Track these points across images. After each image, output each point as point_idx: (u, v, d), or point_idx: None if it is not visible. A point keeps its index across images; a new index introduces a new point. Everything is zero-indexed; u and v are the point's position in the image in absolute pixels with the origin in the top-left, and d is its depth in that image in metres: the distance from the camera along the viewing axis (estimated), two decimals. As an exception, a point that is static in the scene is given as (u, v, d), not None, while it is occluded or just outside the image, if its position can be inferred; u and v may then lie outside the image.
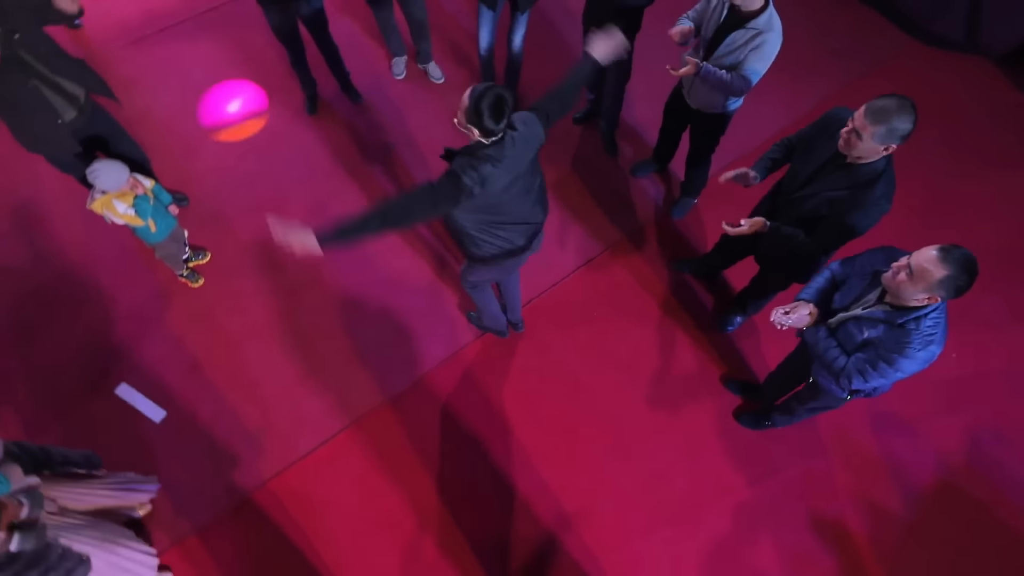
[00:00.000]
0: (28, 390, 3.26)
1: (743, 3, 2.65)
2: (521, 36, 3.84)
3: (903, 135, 2.09)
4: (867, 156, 2.20)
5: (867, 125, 2.11)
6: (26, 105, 2.68)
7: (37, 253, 3.65)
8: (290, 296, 3.56)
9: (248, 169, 3.97)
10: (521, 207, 2.42)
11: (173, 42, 4.49)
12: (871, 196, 2.24)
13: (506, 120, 2.12)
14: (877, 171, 2.22)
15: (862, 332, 2.16)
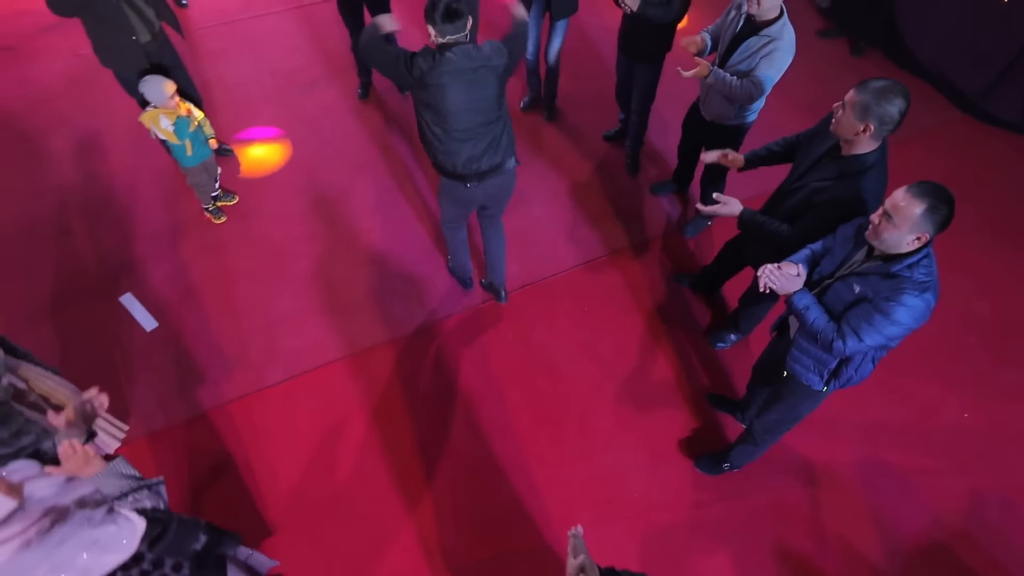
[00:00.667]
0: (45, 283, 3.50)
1: (758, 13, 2.76)
2: (557, 46, 4.07)
3: (883, 116, 2.05)
4: (850, 137, 2.17)
5: (852, 96, 2.11)
6: (111, 21, 3.10)
7: (90, 170, 4.02)
8: (298, 244, 3.72)
9: (291, 135, 4.30)
10: (467, 125, 2.58)
11: (259, 27, 5.05)
12: (852, 190, 2.20)
13: (456, 27, 2.38)
14: (865, 163, 2.19)
15: (852, 289, 2.04)
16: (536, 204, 4.00)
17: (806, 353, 2.27)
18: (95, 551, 1.50)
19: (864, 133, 2.11)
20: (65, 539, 1.45)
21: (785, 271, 2.16)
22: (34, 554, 1.40)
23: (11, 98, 4.43)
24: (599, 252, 3.77)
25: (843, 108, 2.14)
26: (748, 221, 2.53)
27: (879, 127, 2.08)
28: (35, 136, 4.21)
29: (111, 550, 1.54)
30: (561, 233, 3.85)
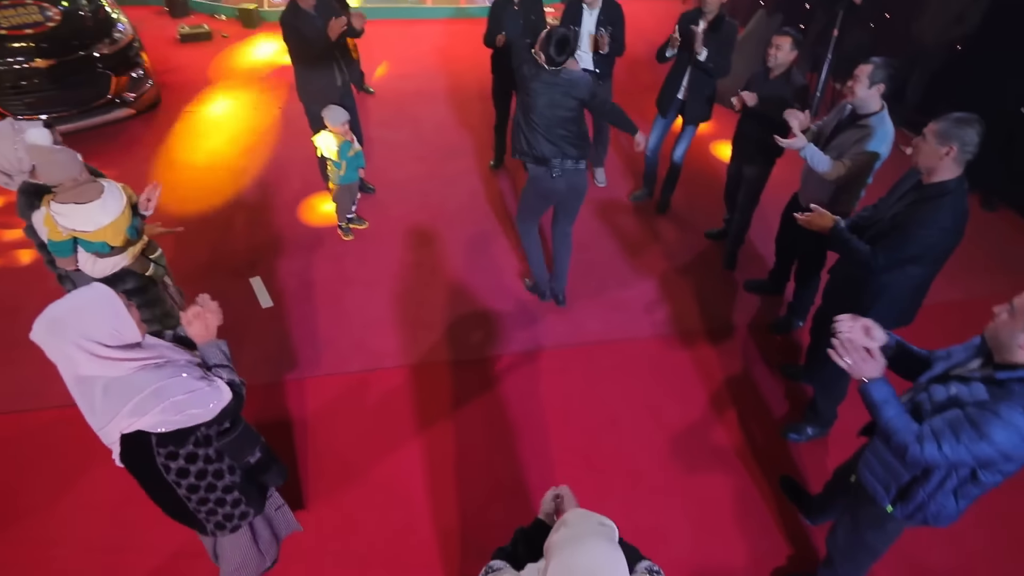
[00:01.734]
0: (203, 252, 4.15)
1: (859, 106, 2.96)
2: (684, 148, 4.44)
3: (964, 138, 2.18)
4: (933, 164, 2.28)
5: (932, 127, 2.25)
6: (323, 67, 4.02)
7: (265, 183, 4.85)
8: (404, 269, 4.14)
9: (425, 189, 4.93)
10: (549, 122, 3.18)
11: (423, 108, 6.02)
12: (931, 209, 2.24)
13: (564, 57, 3.03)
14: (946, 188, 2.27)
15: (948, 390, 1.80)
16: (630, 278, 4.16)
17: (877, 457, 2.03)
18: (189, 397, 1.72)
19: (947, 156, 2.22)
20: (171, 376, 1.71)
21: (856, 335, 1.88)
22: (145, 378, 1.66)
23: (236, 127, 5.57)
24: (682, 328, 3.80)
25: (924, 138, 2.29)
26: (838, 235, 2.55)
27: (961, 149, 2.19)
28: (236, 154, 5.20)
29: (199, 404, 1.75)
30: (649, 305, 3.95)
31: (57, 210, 2.19)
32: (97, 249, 2.30)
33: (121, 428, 1.64)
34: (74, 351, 1.55)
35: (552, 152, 3.24)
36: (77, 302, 1.60)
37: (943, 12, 5.24)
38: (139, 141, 5.34)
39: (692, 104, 4.19)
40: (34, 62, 4.72)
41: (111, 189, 2.33)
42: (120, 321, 1.62)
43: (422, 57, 7.24)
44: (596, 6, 4.20)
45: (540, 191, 3.43)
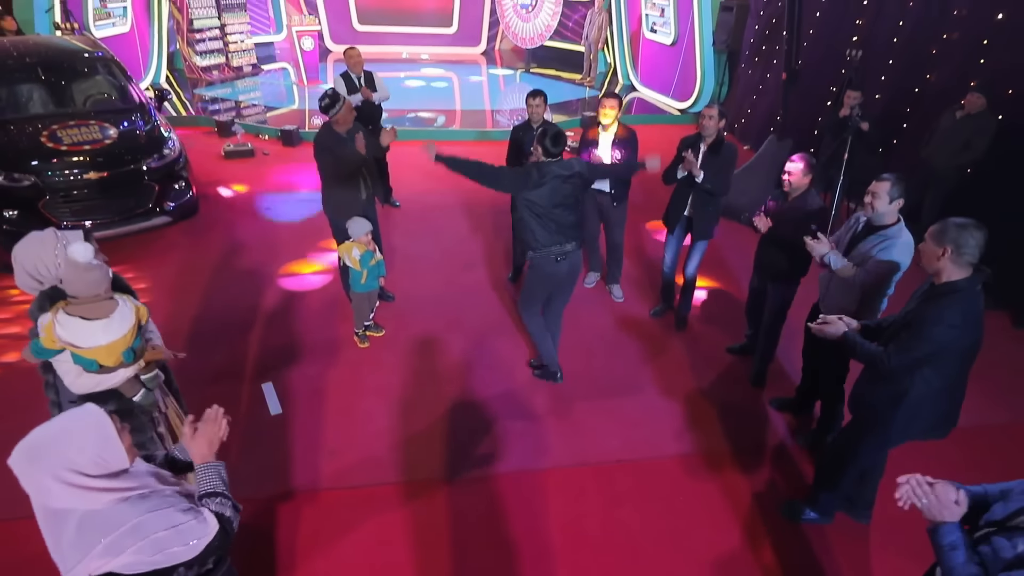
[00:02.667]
0: (218, 357, 4.15)
1: (874, 217, 3.02)
2: (696, 263, 4.48)
3: (958, 240, 2.29)
4: (934, 265, 2.39)
5: (931, 228, 2.40)
6: (350, 182, 4.25)
7: (285, 291, 4.94)
8: (419, 378, 4.08)
9: (442, 299, 4.98)
10: (558, 212, 3.45)
11: (445, 221, 6.25)
12: (940, 307, 2.33)
13: (560, 148, 3.39)
14: (955, 287, 2.34)
15: (1015, 546, 1.64)
16: (651, 394, 4.03)
17: None
18: (170, 534, 1.59)
19: (944, 257, 2.33)
20: (154, 510, 1.58)
21: (941, 491, 1.75)
22: (127, 511, 1.54)
23: (266, 237, 5.81)
24: (707, 448, 3.60)
25: (924, 240, 2.42)
26: (850, 339, 2.60)
27: (956, 250, 2.30)
28: (262, 262, 5.38)
29: (180, 541, 1.61)
30: (671, 423, 3.78)
31: (61, 320, 2.19)
32: (85, 365, 2.24)
33: (90, 571, 1.50)
34: (50, 481, 1.45)
35: (557, 239, 3.49)
36: (62, 425, 1.51)
37: (950, 138, 5.42)
38: (175, 247, 5.57)
39: (699, 221, 4.28)
40: (87, 175, 5.06)
41: (123, 310, 2.30)
42: (108, 447, 1.52)
43: (446, 174, 7.64)
44: (612, 130, 4.44)
45: (544, 277, 3.64)
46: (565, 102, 10.95)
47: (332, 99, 4.11)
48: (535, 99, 4.66)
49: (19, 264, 2.26)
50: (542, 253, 3.54)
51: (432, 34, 15.04)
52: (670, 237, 4.53)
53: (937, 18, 6.12)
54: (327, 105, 4.12)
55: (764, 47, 8.92)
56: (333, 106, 4.11)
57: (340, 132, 4.18)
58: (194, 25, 11.06)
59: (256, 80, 11.98)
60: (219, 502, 1.78)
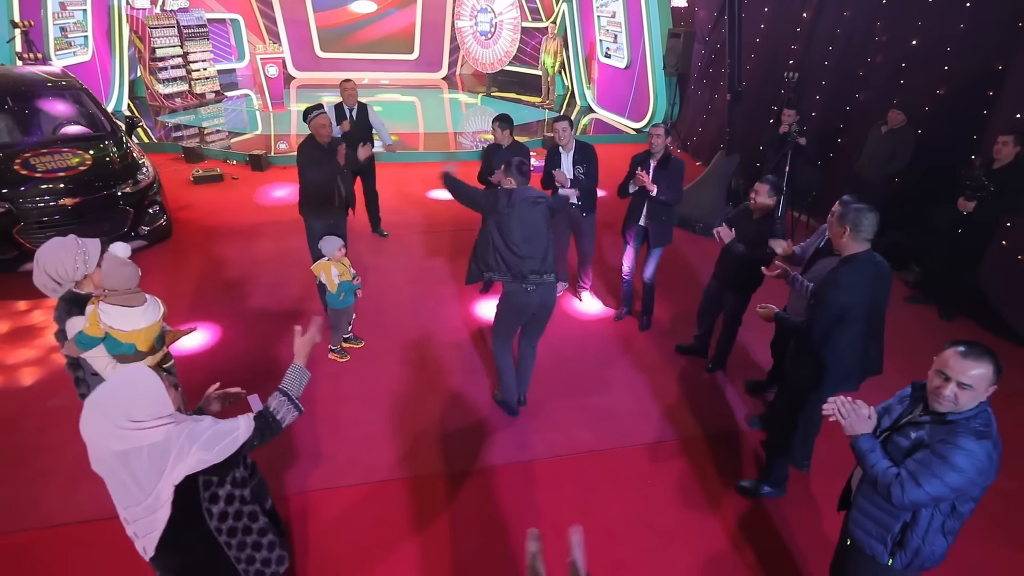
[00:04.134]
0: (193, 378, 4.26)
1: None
2: (652, 268, 4.83)
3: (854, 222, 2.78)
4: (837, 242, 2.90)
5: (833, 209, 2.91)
6: (325, 191, 4.55)
7: (267, 298, 5.09)
8: (400, 385, 4.28)
9: (418, 310, 5.21)
10: (528, 244, 3.51)
11: (414, 229, 6.48)
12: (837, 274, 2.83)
13: (526, 176, 3.57)
14: (850, 259, 2.85)
15: (908, 437, 2.08)
16: (619, 390, 4.33)
17: (866, 515, 2.23)
18: (214, 432, 1.89)
19: (845, 235, 2.80)
20: (191, 422, 1.90)
21: (860, 412, 2.15)
22: (175, 431, 1.84)
23: (239, 258, 5.92)
24: (671, 436, 3.90)
25: (829, 222, 2.93)
26: (779, 319, 3.17)
27: (854, 229, 2.78)
28: (236, 282, 5.50)
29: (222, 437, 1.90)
30: (638, 413, 4.08)
31: (105, 309, 2.51)
32: (124, 351, 2.53)
33: (173, 480, 1.78)
34: (116, 429, 1.72)
35: (528, 268, 3.52)
36: (120, 383, 1.79)
37: (877, 151, 5.98)
38: (150, 270, 5.62)
39: (654, 230, 4.65)
40: (62, 200, 5.13)
41: (153, 300, 2.68)
42: (158, 397, 1.81)
43: (413, 194, 7.91)
44: (570, 148, 4.80)
45: (514, 306, 3.66)
46: (526, 124, 11.39)
47: (311, 108, 4.57)
48: (495, 123, 5.06)
49: (40, 266, 2.50)
50: (512, 284, 3.60)
51: (394, 60, 15.40)
52: (627, 247, 4.89)
53: (862, 43, 6.75)
54: (306, 112, 4.58)
55: (711, 70, 9.55)
56: (309, 114, 4.54)
57: (321, 143, 4.54)
58: (156, 53, 11.12)
59: (220, 107, 12.06)
60: (282, 400, 2.15)
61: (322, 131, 4.51)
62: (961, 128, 5.71)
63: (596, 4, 11.56)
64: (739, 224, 4.02)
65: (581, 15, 12.38)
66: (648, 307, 5.04)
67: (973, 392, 1.95)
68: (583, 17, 12.35)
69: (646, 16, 10.28)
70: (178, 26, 11.41)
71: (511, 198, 3.51)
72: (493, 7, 13.54)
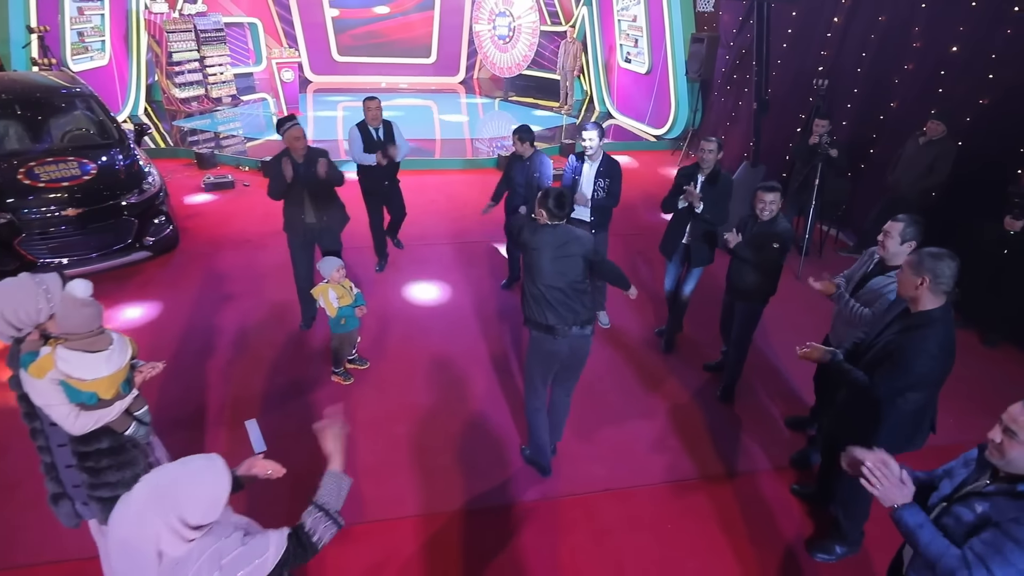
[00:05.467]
0: (194, 397, 4.10)
1: (887, 256, 3.08)
2: (691, 288, 4.56)
3: (935, 270, 2.40)
4: (912, 293, 2.49)
5: (908, 258, 2.54)
6: (294, 203, 4.38)
7: (283, 324, 4.91)
8: (408, 411, 4.07)
9: (429, 327, 5.00)
10: (554, 280, 3.10)
11: (427, 240, 6.28)
12: (919, 339, 2.42)
13: (565, 212, 3.08)
14: (930, 317, 2.45)
15: (973, 510, 1.79)
16: (634, 419, 4.07)
17: None
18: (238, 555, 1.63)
19: (923, 286, 2.43)
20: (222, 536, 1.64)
21: (892, 475, 1.88)
22: (204, 542, 1.59)
23: (246, 270, 5.78)
24: (691, 473, 3.63)
25: (902, 270, 2.53)
26: (837, 366, 2.71)
27: (934, 280, 2.40)
28: (242, 295, 5.35)
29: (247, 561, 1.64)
30: (653, 449, 3.82)
31: (63, 355, 2.18)
32: (84, 400, 2.22)
33: None
34: (159, 525, 1.50)
35: (558, 319, 3.12)
36: (191, 471, 1.57)
37: (915, 163, 5.64)
38: (153, 282, 5.52)
39: (696, 250, 4.40)
40: (65, 211, 5.02)
41: (119, 342, 2.33)
42: (217, 504, 1.59)
43: (429, 203, 7.72)
44: (596, 159, 4.55)
45: (543, 354, 3.28)
46: (543, 130, 11.15)
47: (284, 120, 4.31)
48: (514, 135, 4.91)
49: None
50: (539, 330, 3.21)
51: (411, 64, 15.27)
52: (669, 265, 4.64)
53: (898, 50, 6.41)
54: (279, 123, 4.33)
55: (735, 76, 9.23)
56: (282, 125, 4.29)
57: (295, 157, 4.29)
58: (173, 58, 11.09)
59: (236, 111, 12.00)
60: (319, 517, 1.90)
61: (296, 144, 4.26)
62: (1006, 140, 5.35)
63: (617, 8, 11.29)
64: (746, 231, 3.86)
65: (601, 19, 12.12)
66: (676, 328, 4.76)
67: (1019, 443, 1.68)
68: (603, 21, 12.09)
69: (668, 20, 9.98)
70: (195, 30, 11.36)
71: (535, 235, 3.11)
72: (512, 11, 13.34)
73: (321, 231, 4.50)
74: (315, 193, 4.39)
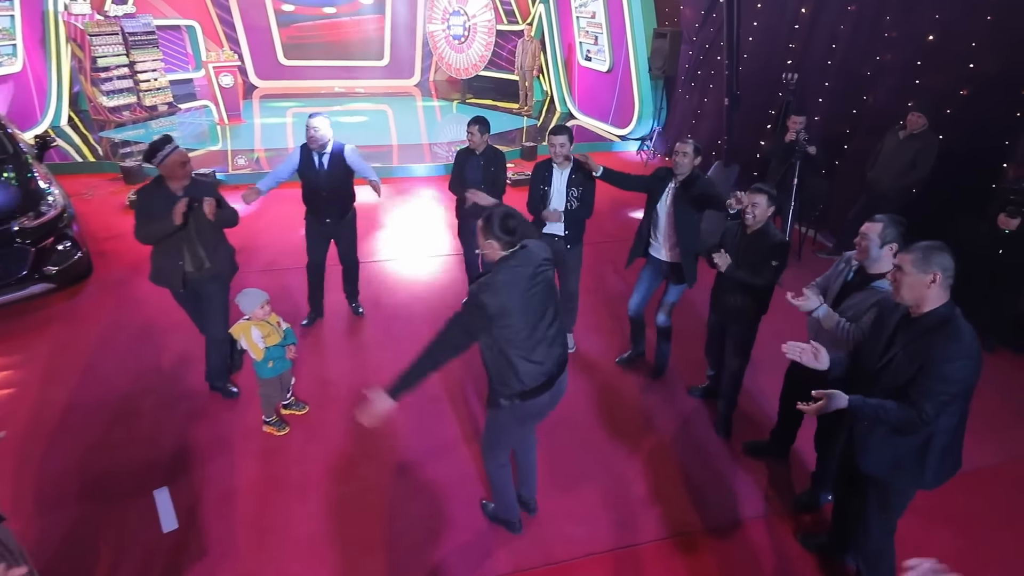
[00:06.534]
0: (93, 461, 3.42)
1: (869, 266, 2.72)
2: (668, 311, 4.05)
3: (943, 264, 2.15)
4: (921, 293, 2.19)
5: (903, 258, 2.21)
6: (168, 245, 3.42)
7: (181, 365, 4.23)
8: (351, 466, 3.46)
9: (379, 360, 4.40)
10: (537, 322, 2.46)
11: (377, 268, 5.66)
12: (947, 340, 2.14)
13: (516, 234, 2.43)
14: (944, 318, 2.18)
15: None
16: (617, 464, 3.55)
17: None
18: None
19: (934, 284, 2.16)
20: None
21: None
22: None
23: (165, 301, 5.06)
24: (684, 527, 3.13)
25: (901, 271, 2.21)
26: (861, 408, 2.28)
27: (944, 274, 2.15)
28: (140, 331, 4.64)
29: None
30: (641, 500, 3.30)
31: None
32: None
33: None
34: None
35: (548, 370, 2.54)
36: None
37: (896, 159, 5.31)
38: (56, 318, 4.77)
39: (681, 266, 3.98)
40: (-61, 241, 4.26)
41: None
42: None
43: (381, 213, 7.11)
44: (566, 167, 4.01)
45: (524, 418, 2.68)
46: (504, 132, 10.64)
47: (154, 146, 3.27)
48: (473, 126, 4.37)
49: None
50: (527, 397, 2.54)
51: (363, 67, 14.59)
52: (642, 276, 4.13)
53: (869, 41, 6.10)
54: (148, 152, 3.27)
55: (699, 72, 8.88)
56: (154, 154, 3.26)
57: (171, 188, 3.33)
58: (98, 63, 10.18)
59: (173, 120, 11.15)
60: None
61: (179, 171, 3.30)
62: (989, 133, 5.06)
63: (575, 5, 10.87)
64: (732, 245, 3.39)
65: (559, 16, 11.68)
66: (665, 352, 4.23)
67: None
68: (561, 18, 11.65)
69: (629, 16, 9.58)
70: (123, 33, 10.48)
71: (497, 291, 2.34)
72: (466, 9, 12.80)
73: (203, 282, 3.59)
74: (199, 235, 3.46)
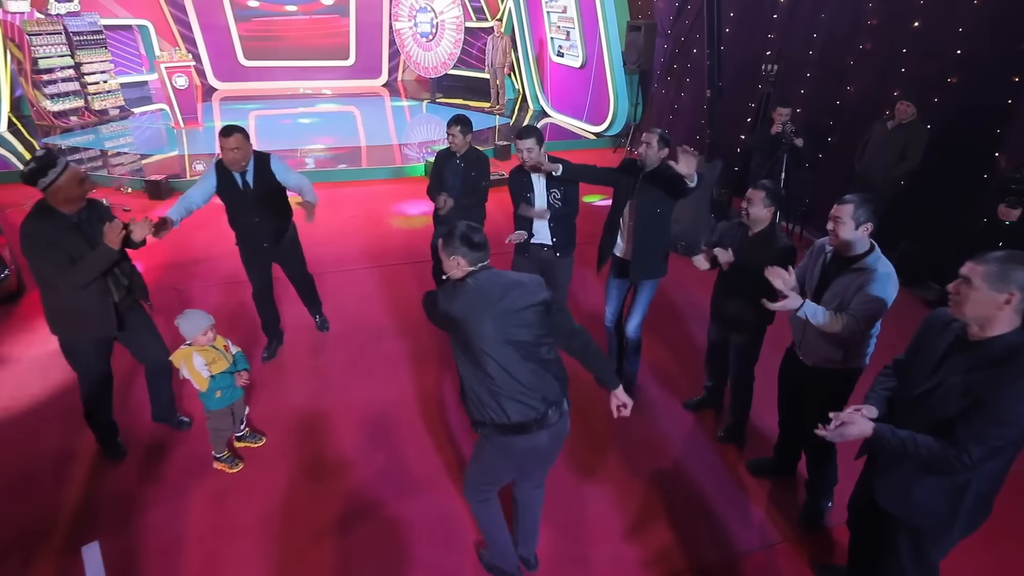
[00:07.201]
0: (14, 515, 2.96)
1: (844, 250, 2.52)
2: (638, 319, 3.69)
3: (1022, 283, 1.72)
4: (989, 314, 1.76)
5: (976, 269, 1.77)
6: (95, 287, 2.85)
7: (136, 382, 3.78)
8: (312, 503, 3.07)
9: (345, 383, 4.01)
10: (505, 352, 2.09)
11: (342, 280, 5.26)
12: (1014, 378, 1.71)
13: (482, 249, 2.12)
14: (1015, 347, 1.75)
15: None
16: (609, 488, 3.21)
17: None
18: None
19: (1008, 305, 1.74)
20: None
21: None
22: None
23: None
24: (689, 563, 2.82)
25: (968, 283, 1.78)
26: (887, 440, 1.91)
27: (1023, 295, 1.72)
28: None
29: None
30: (636, 531, 2.97)
31: None
32: None
33: None
34: None
35: (525, 409, 2.14)
36: None
37: (886, 149, 5.12)
38: (-19, 345, 4.27)
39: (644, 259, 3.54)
40: None
41: None
42: None
43: (346, 221, 6.69)
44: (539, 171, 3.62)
45: (513, 457, 2.30)
46: (476, 132, 10.28)
47: (41, 164, 2.64)
48: (454, 127, 4.06)
49: None
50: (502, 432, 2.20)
51: (328, 67, 14.10)
52: (610, 288, 3.79)
53: (851, 29, 5.91)
54: (32, 173, 2.63)
55: (675, 65, 8.65)
56: (42, 174, 2.64)
57: (65, 213, 2.75)
58: (40, 65, 9.54)
59: (126, 124, 10.55)
60: None
61: (75, 191, 2.73)
62: (980, 121, 4.88)
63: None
64: (733, 248, 3.11)
65: (529, 12, 11.36)
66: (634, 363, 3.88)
67: None
68: (531, 14, 11.34)
69: (601, 9, 9.30)
70: (66, 32, 9.85)
71: (456, 299, 2.10)
72: (433, 6, 12.42)
73: (128, 308, 3.10)
74: (121, 264, 2.99)
